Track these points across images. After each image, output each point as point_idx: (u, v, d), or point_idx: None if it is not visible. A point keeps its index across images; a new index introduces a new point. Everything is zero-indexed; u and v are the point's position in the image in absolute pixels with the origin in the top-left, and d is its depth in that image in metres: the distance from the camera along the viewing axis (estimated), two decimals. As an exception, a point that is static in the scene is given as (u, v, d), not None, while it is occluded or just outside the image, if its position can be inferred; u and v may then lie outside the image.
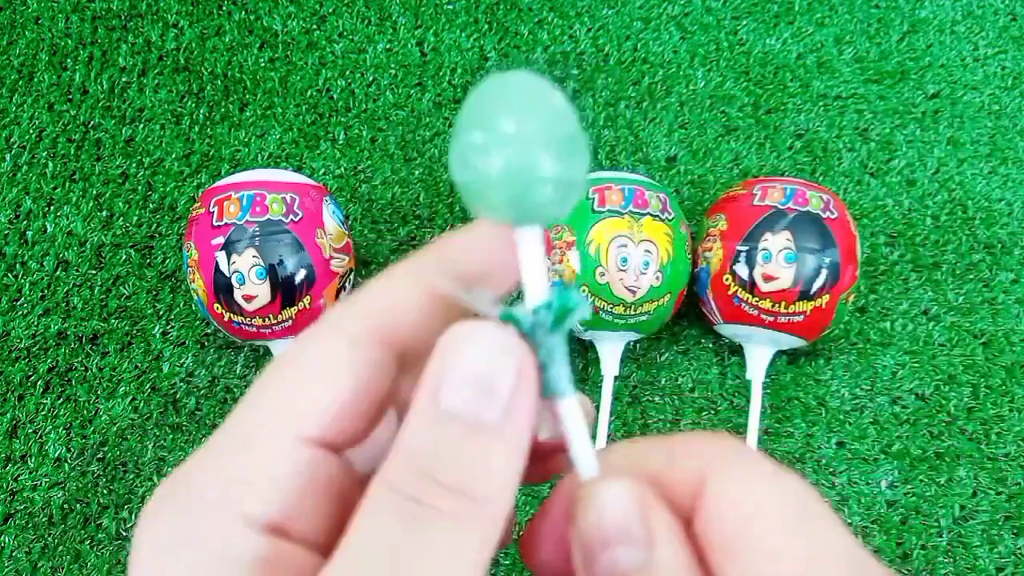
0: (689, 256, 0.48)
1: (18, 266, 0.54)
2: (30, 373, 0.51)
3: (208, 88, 0.59)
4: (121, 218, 0.55)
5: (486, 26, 0.61)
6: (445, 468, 0.14)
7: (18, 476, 0.49)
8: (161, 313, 0.52)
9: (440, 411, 0.14)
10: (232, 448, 0.15)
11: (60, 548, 0.47)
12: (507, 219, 0.16)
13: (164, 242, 0.54)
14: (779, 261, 0.45)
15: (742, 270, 0.46)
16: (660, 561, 0.14)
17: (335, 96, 0.59)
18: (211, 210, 0.45)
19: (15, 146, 0.57)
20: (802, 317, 0.45)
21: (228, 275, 0.44)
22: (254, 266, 0.44)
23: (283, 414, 0.15)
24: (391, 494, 0.14)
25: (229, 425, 0.15)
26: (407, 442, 0.14)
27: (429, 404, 0.14)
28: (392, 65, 0.60)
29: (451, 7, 0.61)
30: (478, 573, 0.14)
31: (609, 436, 0.50)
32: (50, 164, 0.56)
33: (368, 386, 0.15)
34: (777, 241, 0.45)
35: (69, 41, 0.60)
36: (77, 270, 0.53)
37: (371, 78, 0.59)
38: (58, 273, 0.53)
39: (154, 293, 0.53)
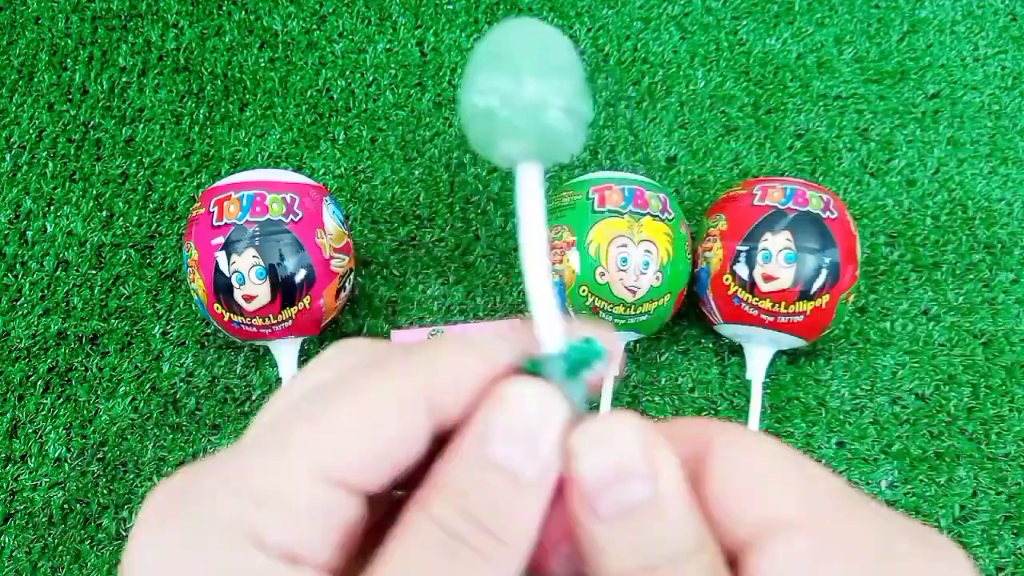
0: (689, 256, 0.48)
1: (18, 266, 0.54)
2: (30, 373, 0.51)
3: (208, 88, 0.59)
4: (121, 218, 0.55)
5: (486, 26, 0.61)
6: (484, 511, 0.15)
7: (18, 476, 0.49)
8: (161, 313, 0.52)
9: (487, 458, 0.15)
10: (261, 468, 0.15)
11: (60, 548, 0.47)
12: (523, 153, 0.16)
13: (164, 242, 0.54)
14: (779, 261, 0.45)
15: (742, 270, 0.46)
16: (665, 493, 0.15)
17: (335, 96, 0.59)
18: (211, 210, 0.45)
19: (15, 146, 0.57)
20: (802, 317, 0.45)
21: (228, 275, 0.44)
22: (254, 266, 0.44)
23: (323, 450, 0.15)
24: (431, 525, 0.15)
25: (260, 437, 0.15)
26: (452, 479, 0.15)
27: (476, 448, 0.15)
28: (392, 65, 0.60)
29: (451, 7, 0.61)
30: None
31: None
32: (50, 164, 0.56)
33: (407, 447, 0.16)
34: (777, 241, 0.45)
35: (69, 41, 0.60)
36: (77, 270, 0.53)
37: (371, 78, 0.59)
38: (58, 273, 0.53)
39: (154, 293, 0.53)
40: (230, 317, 0.45)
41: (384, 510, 0.18)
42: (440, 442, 0.16)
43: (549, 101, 0.16)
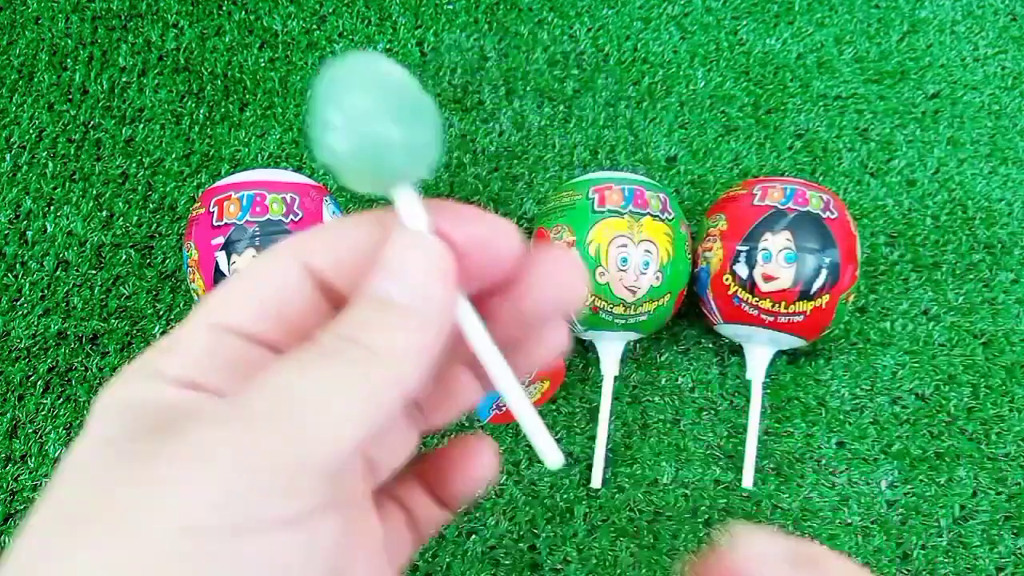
0: (689, 256, 0.48)
1: (18, 266, 0.54)
2: (30, 373, 0.51)
3: (208, 88, 0.59)
4: (121, 218, 0.55)
5: (486, 26, 0.61)
6: (353, 329, 0.17)
7: (18, 476, 0.49)
8: (161, 313, 0.52)
9: (366, 295, 0.18)
10: (172, 331, 0.19)
11: (60, 548, 0.47)
12: (375, 186, 0.18)
13: (164, 242, 0.54)
14: (779, 261, 0.45)
15: (742, 270, 0.46)
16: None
17: (335, 96, 0.59)
18: (211, 210, 0.45)
19: (15, 146, 0.57)
20: (802, 317, 0.45)
21: (228, 275, 0.44)
22: (254, 266, 0.44)
23: (212, 306, 0.18)
24: (308, 344, 0.17)
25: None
26: (336, 318, 0.18)
27: (360, 292, 0.18)
28: (392, 65, 0.60)
29: (451, 7, 0.61)
30: (359, 411, 0.16)
31: (609, 436, 0.50)
32: (50, 164, 0.56)
33: (283, 290, 0.19)
34: (777, 241, 0.45)
35: (69, 41, 0.60)
36: (77, 270, 0.53)
37: (371, 78, 0.59)
38: (58, 273, 0.53)
39: (154, 293, 0.53)
40: (230, 317, 0.45)
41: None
42: None
43: (379, 145, 0.17)
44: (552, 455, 0.19)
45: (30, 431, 0.50)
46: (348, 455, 0.16)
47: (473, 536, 0.48)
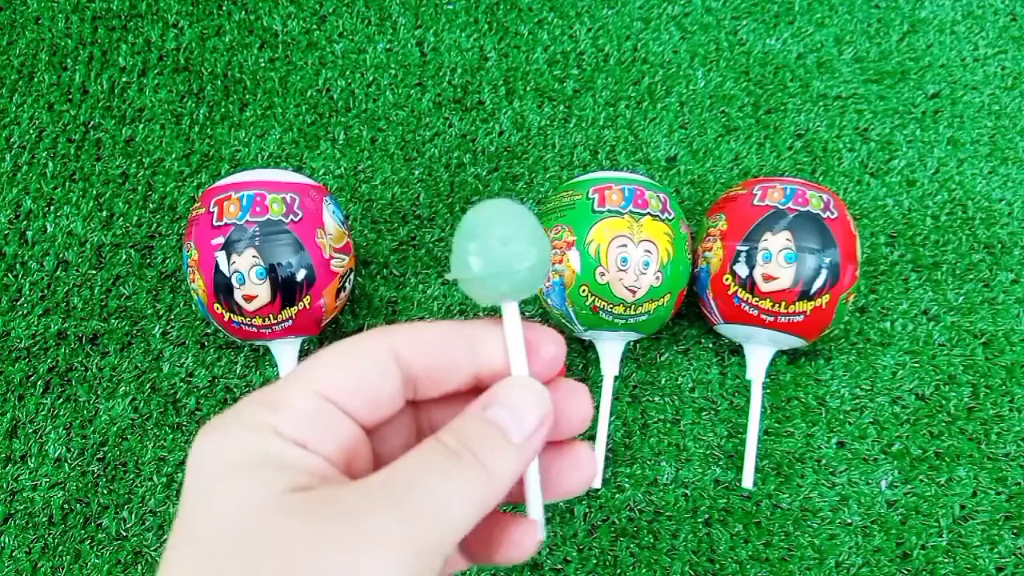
0: (689, 256, 0.48)
1: (18, 266, 0.54)
2: (30, 373, 0.51)
3: (208, 88, 0.59)
4: (121, 218, 0.55)
5: (486, 26, 0.61)
6: (475, 444, 0.21)
7: (18, 476, 0.49)
8: (161, 313, 0.52)
9: (487, 417, 0.21)
10: (273, 390, 0.21)
11: (60, 548, 0.47)
12: (501, 297, 0.23)
13: (164, 242, 0.54)
14: (779, 261, 0.45)
15: (742, 270, 0.46)
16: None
17: (335, 96, 0.59)
18: (211, 210, 0.45)
19: (15, 146, 0.57)
20: (802, 317, 0.45)
21: (228, 275, 0.44)
22: (254, 266, 0.44)
23: (317, 378, 0.21)
24: (436, 443, 0.21)
25: (276, 382, 0.22)
26: (456, 423, 0.21)
27: (479, 410, 0.22)
28: (392, 65, 0.60)
29: (451, 7, 0.61)
30: (469, 513, 0.20)
31: (609, 436, 0.50)
32: (50, 164, 0.56)
33: (380, 381, 0.22)
34: (777, 241, 0.45)
35: (69, 41, 0.60)
36: (77, 270, 0.53)
37: (371, 78, 0.59)
38: (58, 273, 0.53)
39: (154, 293, 0.53)
40: (230, 317, 0.45)
41: None
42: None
43: (519, 264, 0.22)
44: (540, 532, 0.24)
45: (30, 431, 0.50)
46: (455, 544, 0.20)
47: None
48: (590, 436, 0.50)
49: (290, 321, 0.45)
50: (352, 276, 0.49)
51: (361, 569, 0.18)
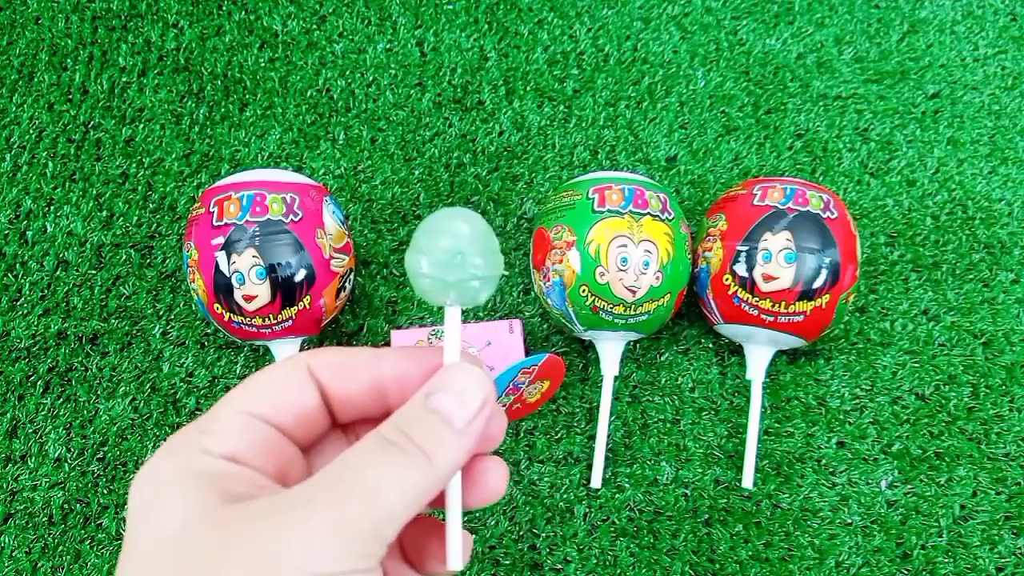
0: (689, 256, 0.48)
1: (18, 266, 0.54)
2: (30, 373, 0.51)
3: (208, 88, 0.59)
4: (121, 218, 0.55)
5: (486, 26, 0.61)
6: (416, 431, 0.21)
7: (18, 476, 0.49)
8: (161, 313, 0.52)
9: (428, 404, 0.22)
10: (203, 417, 0.22)
11: (60, 548, 0.47)
12: (449, 302, 0.24)
13: (164, 242, 0.54)
14: (779, 261, 0.45)
15: (742, 270, 0.46)
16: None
17: (335, 96, 0.59)
18: (211, 210, 0.45)
19: (15, 146, 0.57)
20: (802, 317, 0.45)
21: (228, 275, 0.44)
22: (254, 266, 0.44)
23: (242, 398, 0.22)
24: (374, 435, 0.21)
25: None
26: (398, 412, 0.22)
27: (422, 398, 0.22)
28: (392, 65, 0.60)
29: (451, 7, 0.61)
30: (408, 499, 0.20)
31: (609, 436, 0.50)
32: (50, 164, 0.56)
33: (297, 393, 0.23)
34: (777, 241, 0.45)
35: (69, 41, 0.60)
36: (77, 270, 0.53)
37: (371, 78, 0.59)
38: (58, 273, 0.53)
39: (154, 293, 0.53)
40: (230, 317, 0.45)
41: None
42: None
43: (470, 274, 0.23)
44: (455, 559, 0.24)
45: (30, 431, 0.50)
46: (396, 531, 0.20)
47: (473, 536, 0.48)
48: (590, 436, 0.50)
49: (290, 321, 0.45)
50: (352, 276, 0.49)
51: (292, 552, 0.18)
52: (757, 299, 0.45)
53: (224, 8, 0.61)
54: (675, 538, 0.48)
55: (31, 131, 0.57)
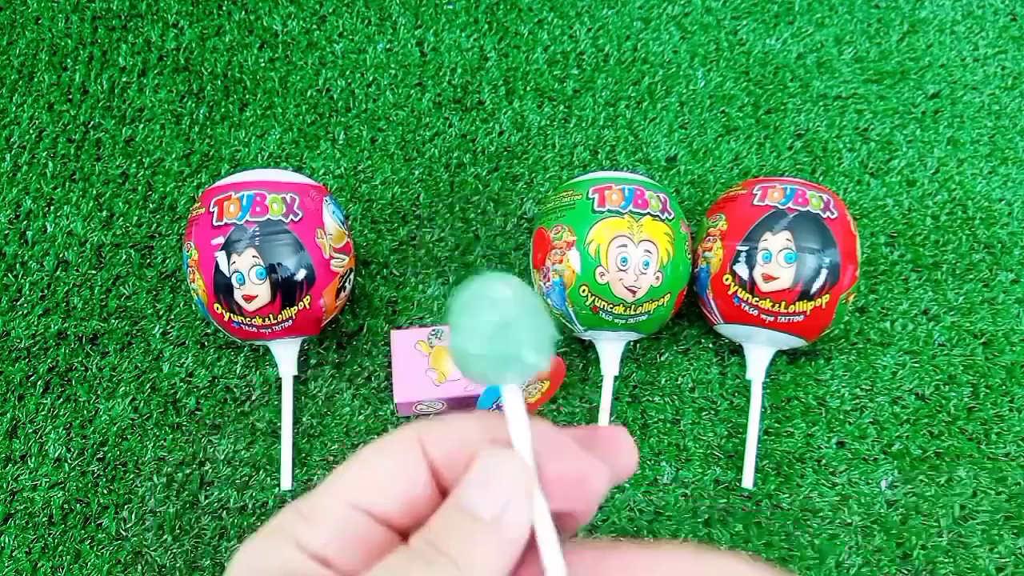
0: (689, 256, 0.48)
1: (18, 266, 0.54)
2: (30, 373, 0.51)
3: (208, 88, 0.59)
4: (121, 218, 0.55)
5: (486, 26, 0.61)
6: (442, 539, 0.19)
7: (18, 476, 0.49)
8: (161, 313, 0.52)
9: (457, 504, 0.20)
10: (312, 495, 0.21)
11: (60, 548, 0.47)
12: (507, 381, 0.21)
13: (164, 242, 0.54)
14: (779, 261, 0.45)
15: (742, 270, 0.46)
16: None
17: (335, 96, 0.59)
18: (211, 210, 0.45)
19: (15, 146, 0.57)
20: (802, 317, 0.45)
21: (228, 275, 0.44)
22: (254, 266, 0.44)
23: (345, 482, 0.21)
24: (404, 549, 0.19)
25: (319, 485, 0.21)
26: (427, 524, 0.20)
27: (452, 499, 0.20)
28: (392, 65, 0.60)
29: (451, 7, 0.61)
30: None
31: (609, 436, 0.50)
32: (50, 164, 0.56)
33: (411, 477, 0.21)
34: (777, 241, 0.45)
35: (69, 41, 0.60)
36: (77, 270, 0.53)
37: (371, 78, 0.59)
38: (58, 273, 0.53)
39: (154, 293, 0.53)
40: (230, 317, 0.45)
41: None
42: None
43: (522, 350, 0.20)
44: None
45: (30, 431, 0.50)
46: None
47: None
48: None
49: (290, 321, 0.45)
50: (352, 276, 0.49)
51: None
52: (757, 299, 0.45)
53: (224, 8, 0.61)
54: (675, 538, 0.48)
55: (31, 131, 0.57)
